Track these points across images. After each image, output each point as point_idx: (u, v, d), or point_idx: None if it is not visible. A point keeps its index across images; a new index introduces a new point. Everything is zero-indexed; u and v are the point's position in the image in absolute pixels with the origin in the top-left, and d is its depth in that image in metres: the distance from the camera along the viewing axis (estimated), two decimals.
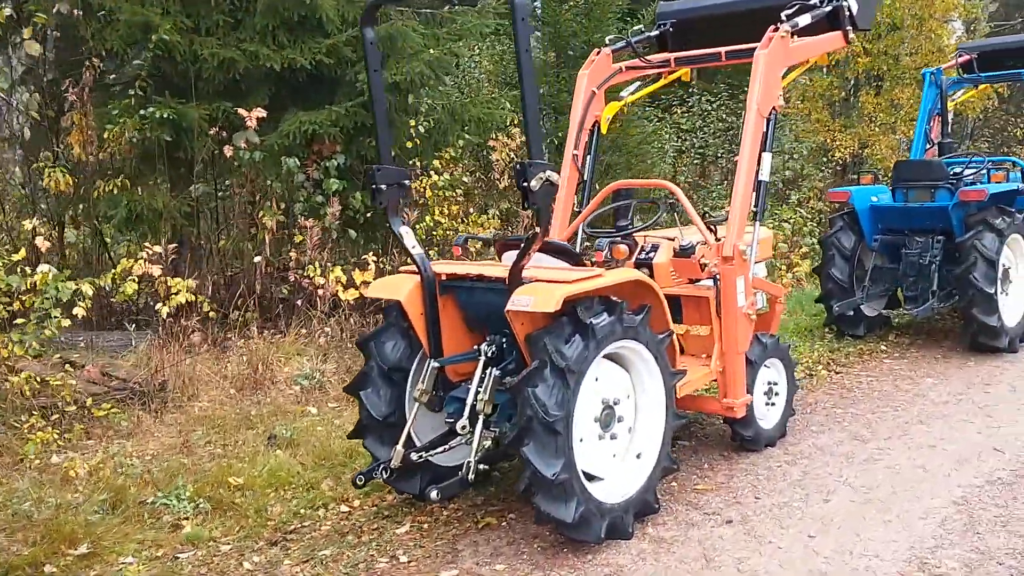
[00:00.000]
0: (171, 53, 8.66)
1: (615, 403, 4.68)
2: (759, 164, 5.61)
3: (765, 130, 5.59)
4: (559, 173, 4.20)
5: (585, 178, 6.33)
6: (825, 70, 19.23)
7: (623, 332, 4.57)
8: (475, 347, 4.79)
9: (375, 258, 9.22)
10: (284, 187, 9.64)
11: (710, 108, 16.18)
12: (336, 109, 9.11)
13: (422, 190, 9.63)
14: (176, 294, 8.14)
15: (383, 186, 4.80)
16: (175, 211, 9.09)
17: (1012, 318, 8.16)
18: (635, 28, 6.65)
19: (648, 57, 6.53)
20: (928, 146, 9.83)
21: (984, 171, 8.56)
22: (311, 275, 8.66)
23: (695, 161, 17.07)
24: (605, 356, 4.62)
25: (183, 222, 9.46)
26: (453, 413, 4.81)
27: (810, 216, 14.52)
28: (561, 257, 4.92)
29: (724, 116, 16.34)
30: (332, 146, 9.37)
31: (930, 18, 17.01)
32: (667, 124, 16.45)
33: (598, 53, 6.36)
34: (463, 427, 4.60)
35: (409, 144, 9.71)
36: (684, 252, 5.36)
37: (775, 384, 5.92)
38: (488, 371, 4.62)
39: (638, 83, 6.69)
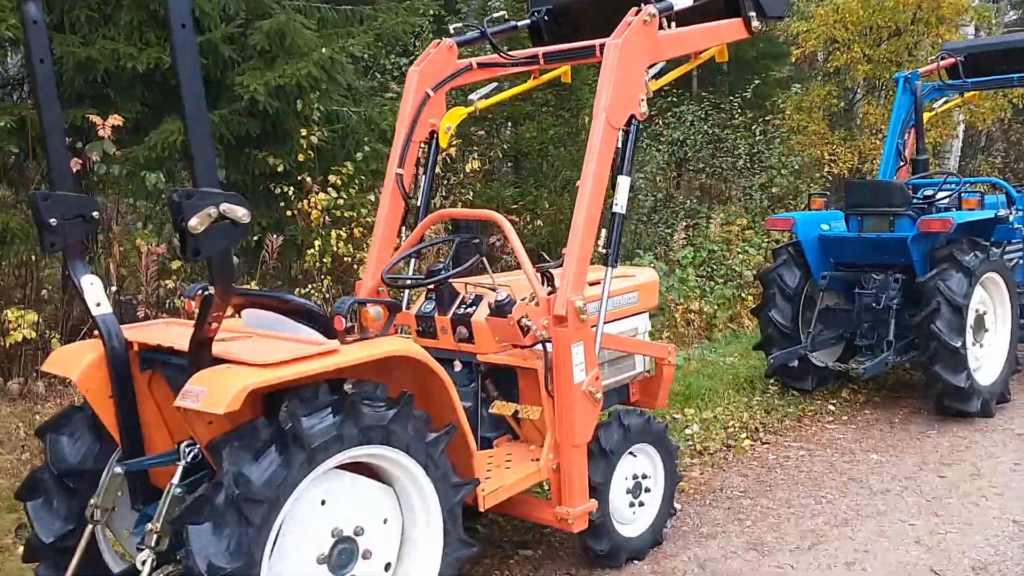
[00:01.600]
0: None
1: (358, 533, 3.31)
2: (614, 191, 4.23)
3: (621, 146, 4.20)
4: (244, 207, 2.84)
5: (418, 205, 4.98)
6: (823, 78, 17.84)
7: (361, 436, 3.20)
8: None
9: (260, 287, 7.97)
10: (151, 206, 8.42)
11: (698, 112, 14.78)
12: (211, 117, 7.85)
13: (307, 211, 8.31)
14: (15, 329, 7.02)
15: (52, 220, 3.44)
16: (19, 233, 7.82)
17: (987, 375, 6.69)
18: (495, 15, 5.27)
19: (511, 52, 5.17)
20: (900, 164, 8.37)
21: (957, 195, 7.08)
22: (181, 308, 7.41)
23: (672, 174, 15.72)
24: (345, 467, 3.27)
25: (32, 245, 8.26)
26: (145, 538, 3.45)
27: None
28: (305, 321, 3.55)
29: (708, 129, 14.99)
30: None
31: (937, 23, 15.54)
32: (645, 134, 15.14)
33: (437, 45, 5.00)
34: (143, 561, 3.24)
35: (300, 157, 8.44)
36: (498, 309, 3.98)
37: (645, 478, 4.52)
38: (170, 485, 3.25)
39: (495, 84, 5.31)
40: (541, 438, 4.19)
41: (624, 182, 4.24)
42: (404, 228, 4.90)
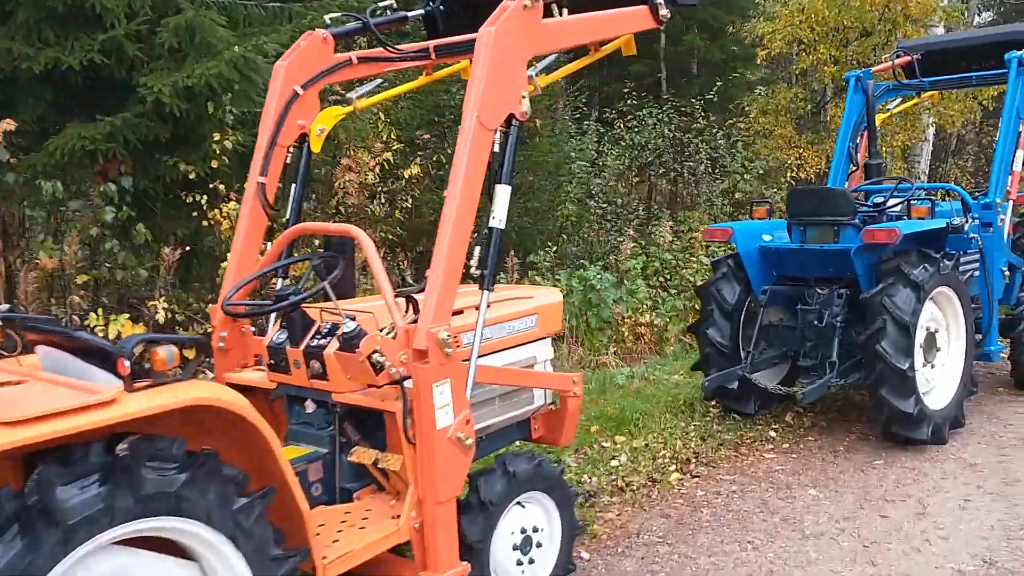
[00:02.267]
0: None
1: None
2: (491, 202, 3.67)
3: (499, 150, 3.64)
4: None
5: (286, 218, 4.40)
6: (793, 80, 17.40)
7: (141, 507, 2.61)
8: None
9: (166, 304, 7.35)
10: (47, 217, 7.83)
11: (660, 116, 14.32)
12: (113, 120, 7.27)
13: (219, 222, 7.70)
14: None
15: None
16: None
17: (939, 399, 6.16)
18: (380, 4, 4.70)
19: (398, 46, 4.60)
20: (852, 168, 7.85)
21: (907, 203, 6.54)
22: (91, 326, 6.82)
23: (633, 179, 15.22)
24: (134, 542, 2.68)
25: None
26: None
27: None
28: (98, 362, 2.95)
29: (670, 132, 14.51)
30: (115, 164, 7.57)
31: (905, 22, 15.10)
32: (607, 138, 14.66)
33: (308, 36, 4.42)
34: None
35: (215, 164, 7.83)
36: (346, 342, 3.41)
37: (536, 531, 3.95)
38: None
39: (379, 81, 4.75)
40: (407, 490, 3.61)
41: (503, 192, 3.67)
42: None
